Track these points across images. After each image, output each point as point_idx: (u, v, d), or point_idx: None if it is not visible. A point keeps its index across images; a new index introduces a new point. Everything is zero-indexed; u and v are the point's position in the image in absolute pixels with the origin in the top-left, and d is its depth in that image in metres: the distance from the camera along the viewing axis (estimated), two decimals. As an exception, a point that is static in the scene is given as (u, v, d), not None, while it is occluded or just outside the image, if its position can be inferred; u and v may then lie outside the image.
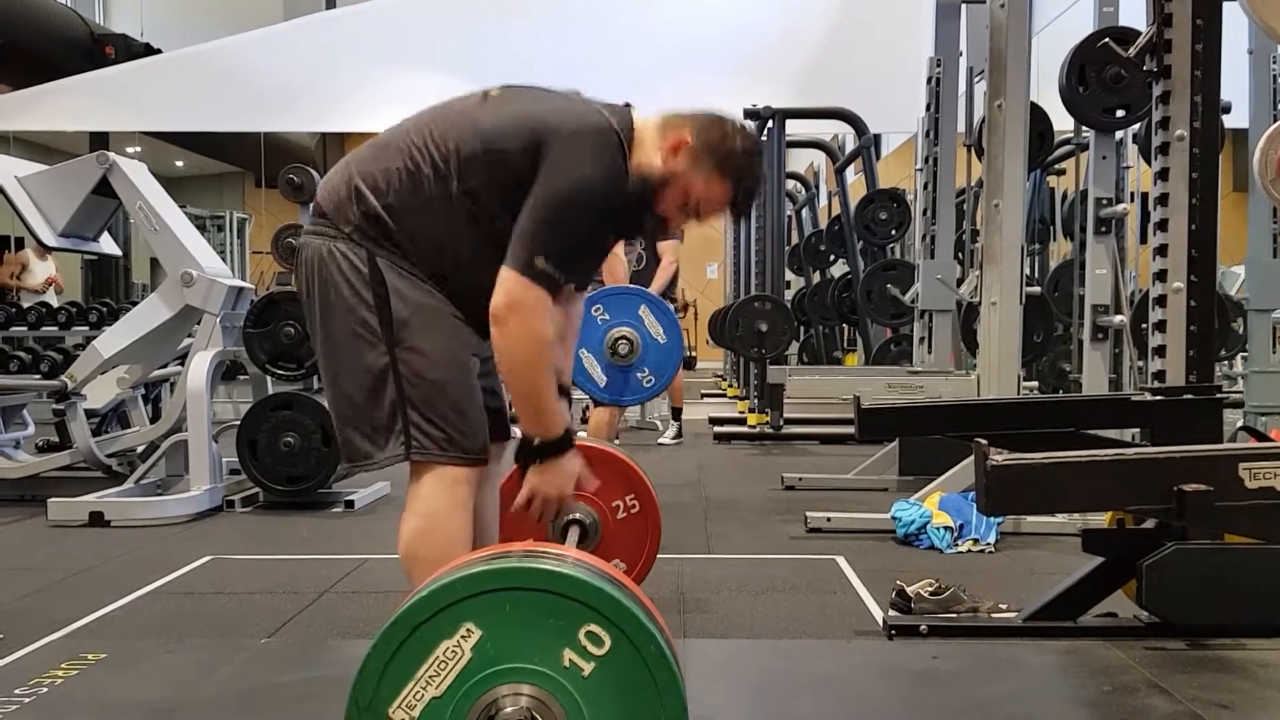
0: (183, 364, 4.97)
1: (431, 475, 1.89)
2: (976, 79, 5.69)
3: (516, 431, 2.07)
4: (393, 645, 1.38)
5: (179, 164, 17.03)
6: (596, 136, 1.87)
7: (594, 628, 1.38)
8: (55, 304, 9.55)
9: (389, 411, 1.87)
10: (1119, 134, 4.79)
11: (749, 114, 7.96)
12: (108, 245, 5.44)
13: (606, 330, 3.76)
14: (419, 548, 1.88)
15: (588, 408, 7.04)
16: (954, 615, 2.76)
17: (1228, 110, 5.12)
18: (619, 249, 5.48)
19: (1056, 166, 8.39)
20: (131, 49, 11.83)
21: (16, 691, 2.40)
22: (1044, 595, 2.72)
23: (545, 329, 1.84)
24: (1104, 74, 4.44)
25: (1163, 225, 2.88)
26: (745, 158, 1.95)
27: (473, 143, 1.89)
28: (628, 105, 2.01)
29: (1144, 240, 4.01)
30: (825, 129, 10.90)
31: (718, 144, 1.93)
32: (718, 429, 7.64)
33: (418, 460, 1.88)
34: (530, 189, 1.84)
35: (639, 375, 4.04)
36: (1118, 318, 4.57)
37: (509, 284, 1.81)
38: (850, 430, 3.15)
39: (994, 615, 2.78)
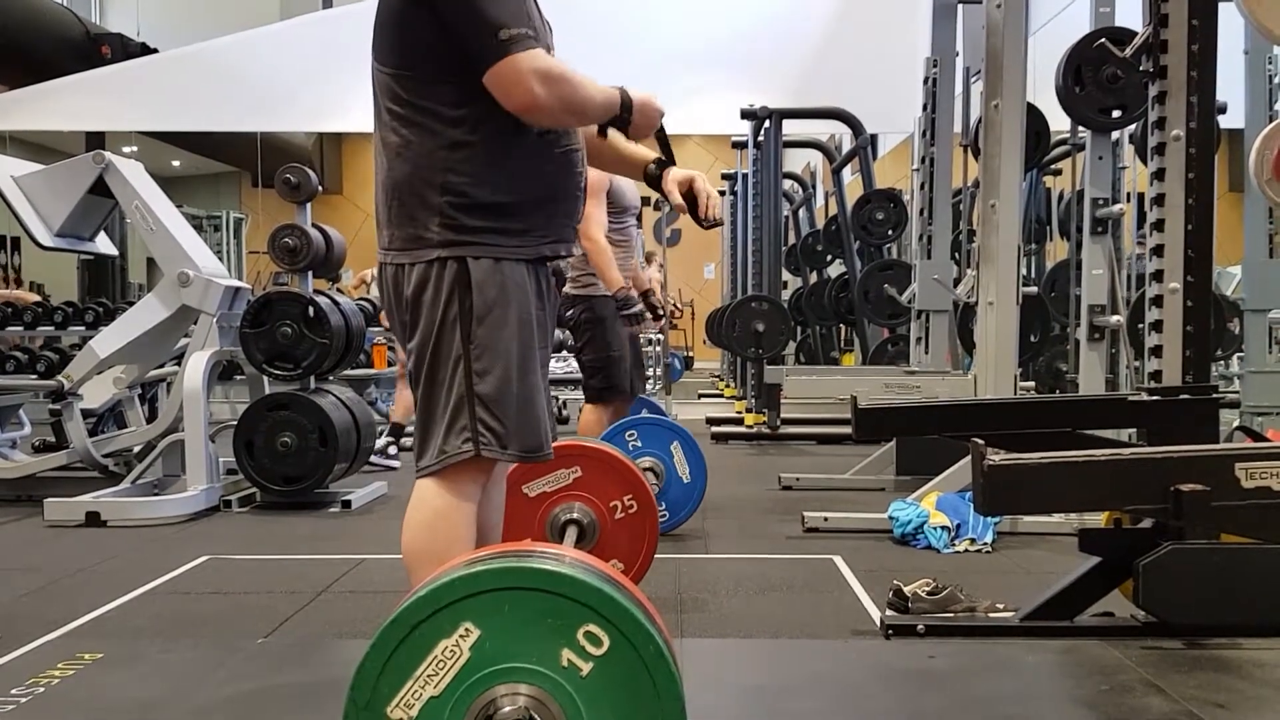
0: (179, 364, 4.96)
1: (445, 471, 1.88)
2: (973, 79, 5.70)
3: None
4: (391, 644, 1.38)
5: (175, 164, 17.01)
6: None
7: (592, 628, 1.38)
8: None
9: (454, 408, 1.86)
10: (1115, 134, 4.79)
11: (746, 114, 7.97)
12: (104, 245, 5.44)
13: (636, 457, 3.76)
14: (423, 543, 1.86)
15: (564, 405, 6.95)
16: (951, 615, 2.76)
17: (1224, 110, 5.13)
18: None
19: (1053, 167, 8.41)
20: (128, 48, 11.83)
21: (13, 691, 2.40)
22: (1041, 595, 2.71)
23: (556, 67, 1.80)
24: (1100, 74, 4.44)
25: (1159, 225, 2.88)
26: None
27: (392, 75, 1.88)
28: None
29: (1140, 241, 4.01)
30: (822, 129, 10.91)
31: None
32: (715, 429, 7.65)
33: (487, 456, 1.86)
34: (439, 39, 1.81)
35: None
36: (1114, 318, 4.58)
37: (502, 75, 1.77)
38: (847, 430, 3.15)
39: (991, 615, 2.78)
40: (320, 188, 5.05)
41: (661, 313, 5.09)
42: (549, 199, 1.94)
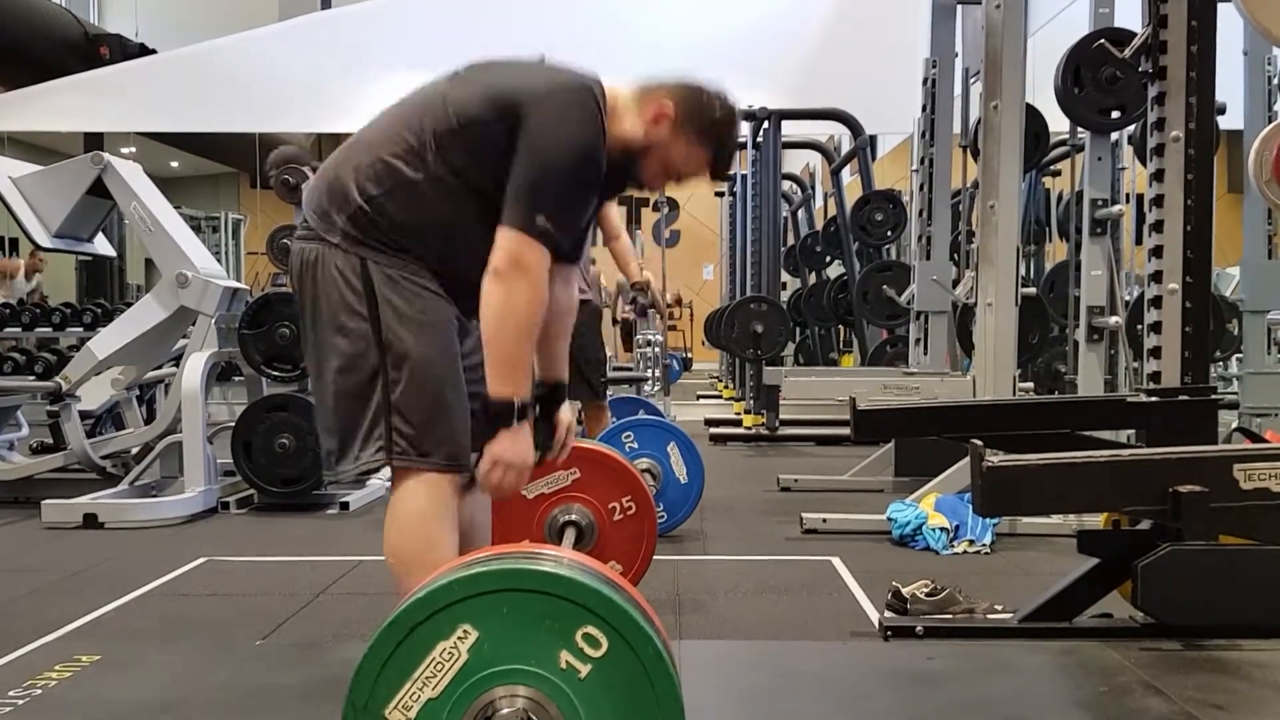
0: (177, 365, 4.96)
1: (414, 478, 1.88)
2: (972, 80, 5.69)
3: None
4: (389, 646, 1.38)
5: (174, 164, 17.02)
6: (576, 94, 1.86)
7: (591, 629, 1.38)
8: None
9: (373, 416, 1.86)
10: (1114, 135, 4.79)
11: (745, 115, 7.96)
12: (102, 246, 5.44)
13: (632, 459, 3.76)
14: (403, 548, 1.88)
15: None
16: (949, 616, 2.76)
17: (1223, 111, 5.12)
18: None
19: (1052, 168, 8.41)
20: (126, 49, 11.82)
21: (11, 693, 2.39)
22: (1040, 596, 2.72)
23: (544, 289, 1.82)
24: (1099, 75, 4.44)
25: (1158, 227, 2.88)
26: (724, 125, 1.98)
27: (448, 121, 1.88)
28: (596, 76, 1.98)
29: (1139, 242, 4.01)
30: (821, 130, 10.91)
31: (697, 113, 1.94)
32: (714, 430, 7.64)
33: (398, 465, 1.86)
34: (514, 156, 1.83)
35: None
36: (1113, 319, 4.58)
37: (512, 242, 1.79)
38: (846, 431, 3.15)
39: (989, 616, 2.78)
40: (319, 189, 5.04)
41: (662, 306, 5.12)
42: (459, 285, 1.91)
